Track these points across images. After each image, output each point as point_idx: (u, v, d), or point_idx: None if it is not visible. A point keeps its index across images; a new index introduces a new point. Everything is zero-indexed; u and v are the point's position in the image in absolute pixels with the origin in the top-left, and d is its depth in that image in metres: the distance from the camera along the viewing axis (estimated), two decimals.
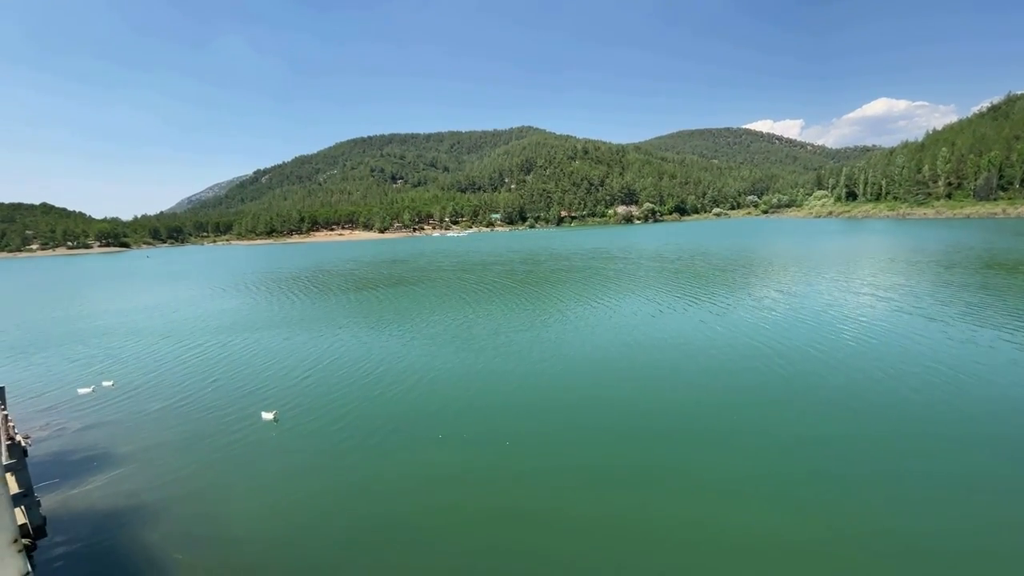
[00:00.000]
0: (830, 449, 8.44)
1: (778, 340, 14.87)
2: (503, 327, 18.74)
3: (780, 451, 8.46)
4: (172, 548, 6.74)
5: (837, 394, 10.64)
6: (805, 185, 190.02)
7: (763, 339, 15.06)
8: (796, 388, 11.18)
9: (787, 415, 9.86)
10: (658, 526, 6.75)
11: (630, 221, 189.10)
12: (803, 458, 8.25)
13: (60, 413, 11.94)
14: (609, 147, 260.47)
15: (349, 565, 6.38)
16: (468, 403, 11.31)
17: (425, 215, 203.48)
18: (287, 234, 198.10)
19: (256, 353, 16.58)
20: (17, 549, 1.04)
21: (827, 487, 7.36)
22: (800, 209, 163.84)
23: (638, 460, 8.51)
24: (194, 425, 10.76)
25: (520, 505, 7.36)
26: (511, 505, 7.38)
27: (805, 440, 8.81)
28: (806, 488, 7.38)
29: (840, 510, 6.78)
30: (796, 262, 35.82)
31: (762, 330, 16.18)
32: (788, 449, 8.53)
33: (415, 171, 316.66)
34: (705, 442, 9.00)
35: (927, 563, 5.81)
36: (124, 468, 9.02)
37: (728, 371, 12.52)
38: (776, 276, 29.10)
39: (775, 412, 10.03)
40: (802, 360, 12.99)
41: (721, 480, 7.71)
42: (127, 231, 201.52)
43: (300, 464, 8.96)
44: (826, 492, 7.24)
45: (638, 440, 9.21)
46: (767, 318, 17.92)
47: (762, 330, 16.18)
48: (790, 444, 8.70)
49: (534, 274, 36.66)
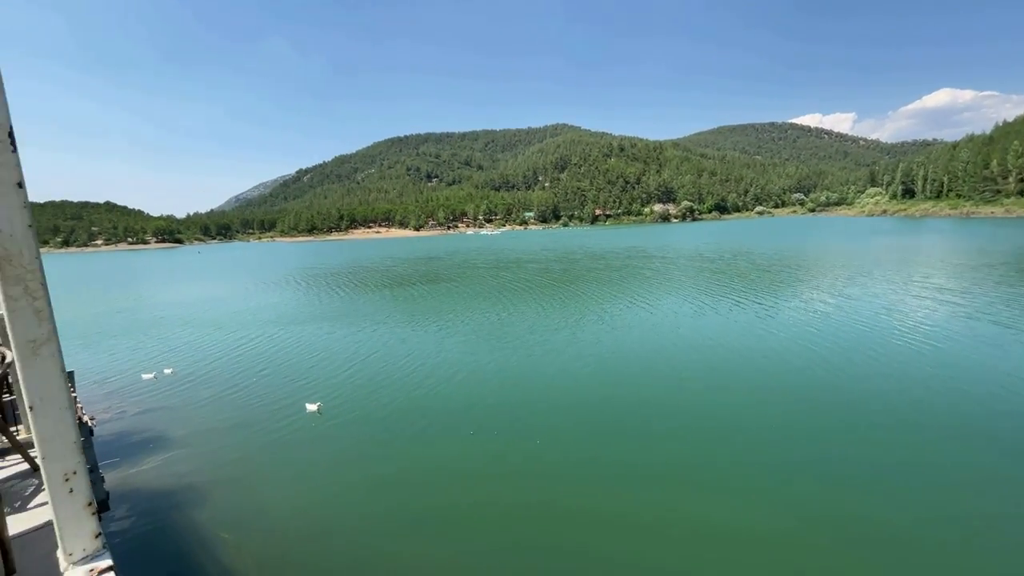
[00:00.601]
0: (881, 467, 7.78)
1: (827, 344, 14.01)
2: (537, 325, 18.54)
3: (823, 460, 7.87)
4: (219, 527, 6.93)
5: (902, 408, 9.86)
6: (857, 182, 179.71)
7: (811, 343, 14.22)
8: (849, 398, 10.47)
9: (835, 424, 9.20)
10: (691, 527, 6.42)
11: (667, 220, 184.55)
12: (851, 474, 7.62)
13: (121, 397, 12.61)
14: (646, 144, 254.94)
15: (381, 551, 6.42)
16: (500, 400, 11.20)
17: (459, 213, 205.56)
18: (327, 232, 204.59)
19: (301, 346, 17.06)
20: (91, 512, 1.10)
21: (889, 510, 6.76)
22: (851, 208, 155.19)
23: (672, 460, 8.18)
24: (243, 413, 11.12)
25: (549, 501, 7.23)
26: (539, 501, 7.26)
27: (852, 452, 8.16)
28: (870, 509, 6.80)
29: (921, 548, 6.20)
30: (847, 262, 33.82)
31: (810, 333, 15.29)
32: (832, 458, 7.92)
33: (450, 170, 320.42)
34: (743, 447, 8.52)
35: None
36: (178, 451, 9.39)
37: (772, 375, 11.88)
38: (825, 277, 27.54)
39: (822, 420, 9.40)
40: (854, 366, 12.16)
41: (760, 486, 7.24)
42: (180, 228, 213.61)
43: (340, 454, 9.08)
44: (886, 516, 6.64)
45: (672, 441, 8.85)
46: (816, 321, 16.92)
47: (810, 333, 15.29)
48: (836, 454, 8.08)
49: (570, 272, 36.22)
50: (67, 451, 1.21)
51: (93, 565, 1.25)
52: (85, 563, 1.25)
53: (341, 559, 6.35)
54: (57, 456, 1.22)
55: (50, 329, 1.16)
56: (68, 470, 1.23)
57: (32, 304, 1.14)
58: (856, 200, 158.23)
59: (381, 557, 6.35)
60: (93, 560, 1.25)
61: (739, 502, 7.04)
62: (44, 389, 1.19)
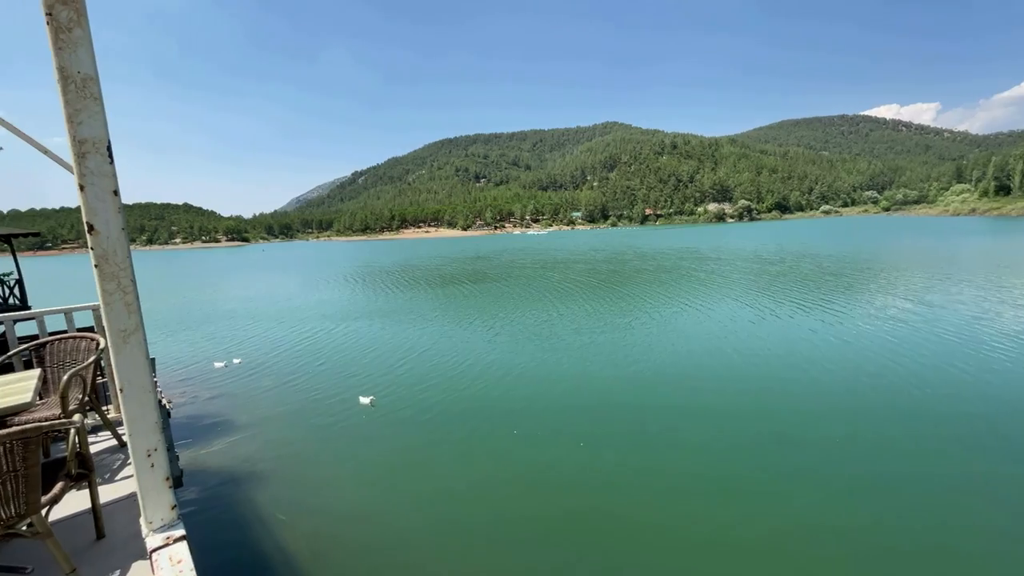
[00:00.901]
0: (947, 486, 7.03)
1: (909, 356, 12.88)
2: (585, 327, 18.34)
3: (892, 478, 7.22)
4: (276, 509, 7.39)
5: (1000, 429, 8.90)
6: (940, 178, 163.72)
7: (889, 354, 13.14)
8: (937, 417, 9.55)
9: (919, 445, 8.43)
10: (748, 544, 6.09)
11: (722, 220, 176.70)
12: (946, 501, 6.95)
13: (194, 383, 13.72)
14: (701, 141, 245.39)
15: (423, 542, 6.60)
16: (546, 402, 11.19)
17: (506, 213, 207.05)
18: (379, 231, 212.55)
19: (355, 341, 17.84)
20: (169, 485, 1.25)
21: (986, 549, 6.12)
22: (932, 206, 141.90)
23: (726, 474, 7.78)
24: (301, 402, 11.79)
25: (592, 507, 7.14)
26: (583, 506, 7.19)
27: (947, 476, 7.44)
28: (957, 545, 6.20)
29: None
30: (930, 266, 30.95)
31: (888, 344, 14.12)
32: (900, 476, 7.26)
33: (498, 170, 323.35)
34: (805, 464, 7.99)
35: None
36: (241, 435, 10.10)
37: (843, 388, 11.07)
38: (905, 282, 25.34)
39: (901, 438, 8.64)
40: (942, 383, 11.09)
41: (829, 504, 6.76)
42: (247, 227, 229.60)
43: (390, 448, 9.40)
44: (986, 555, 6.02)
45: (728, 452, 8.43)
46: (894, 330, 15.61)
47: (888, 344, 14.12)
48: (926, 477, 7.40)
49: (619, 273, 35.54)
50: (149, 430, 1.36)
51: (169, 533, 1.40)
52: (162, 531, 1.40)
53: (385, 544, 6.61)
54: (141, 434, 1.36)
55: (137, 320, 1.31)
56: (150, 447, 1.38)
57: (123, 298, 1.29)
58: (939, 198, 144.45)
59: (422, 547, 6.54)
60: (169, 529, 1.41)
61: (803, 521, 6.64)
62: (131, 374, 1.34)
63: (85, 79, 1.19)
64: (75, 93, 1.21)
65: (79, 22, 1.15)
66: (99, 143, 1.24)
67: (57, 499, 2.83)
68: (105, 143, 1.24)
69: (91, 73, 1.20)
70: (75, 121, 1.21)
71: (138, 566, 2.97)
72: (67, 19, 1.13)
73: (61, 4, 1.11)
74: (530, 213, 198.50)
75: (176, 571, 1.26)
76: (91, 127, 1.23)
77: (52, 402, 4.10)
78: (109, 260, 1.25)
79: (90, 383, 4.32)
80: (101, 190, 1.22)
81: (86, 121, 1.23)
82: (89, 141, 1.23)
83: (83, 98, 1.22)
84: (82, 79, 1.19)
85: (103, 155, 1.25)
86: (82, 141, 1.23)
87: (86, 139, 1.23)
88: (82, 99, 1.22)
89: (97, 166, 1.24)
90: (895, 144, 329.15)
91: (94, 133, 1.24)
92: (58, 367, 4.72)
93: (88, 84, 1.22)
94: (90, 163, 1.24)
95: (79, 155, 1.24)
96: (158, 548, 1.31)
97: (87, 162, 1.24)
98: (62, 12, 1.12)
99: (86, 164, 1.24)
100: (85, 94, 1.22)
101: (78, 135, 1.22)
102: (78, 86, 1.21)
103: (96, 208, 1.24)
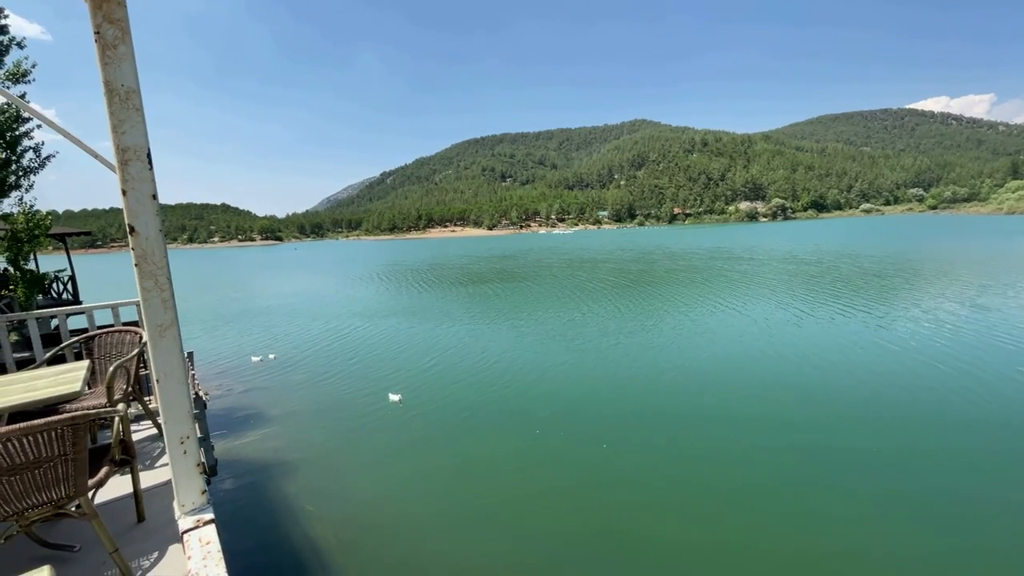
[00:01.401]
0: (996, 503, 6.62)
1: (965, 363, 12.22)
2: (612, 328, 18.17)
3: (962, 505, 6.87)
4: (304, 500, 7.64)
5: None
6: (994, 174, 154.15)
7: (943, 361, 12.49)
8: (986, 431, 9.06)
9: (956, 451, 8.01)
10: (759, 557, 5.92)
11: (754, 219, 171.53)
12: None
13: (230, 376, 14.29)
14: (732, 138, 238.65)
15: (445, 537, 6.71)
16: (570, 403, 11.16)
17: (531, 212, 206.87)
18: (406, 230, 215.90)
19: (384, 338, 18.23)
20: (200, 471, 1.35)
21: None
22: (984, 204, 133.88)
23: (753, 484, 7.58)
24: (331, 397, 12.14)
25: (610, 509, 7.11)
26: (600, 508, 7.17)
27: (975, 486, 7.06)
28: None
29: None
30: (982, 268, 29.24)
31: (940, 350, 13.42)
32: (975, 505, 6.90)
33: (524, 169, 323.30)
34: (833, 471, 7.71)
35: None
36: (273, 428, 10.48)
37: (879, 392, 10.61)
38: (955, 285, 24.03)
39: (963, 455, 8.22)
40: (1008, 389, 10.47)
41: (863, 517, 6.50)
42: (281, 227, 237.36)
43: (415, 443, 9.59)
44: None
45: (755, 461, 8.21)
46: (947, 335, 14.83)
47: (940, 350, 13.42)
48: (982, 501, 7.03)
49: (648, 273, 35.03)
50: (183, 418, 1.47)
51: (199, 516, 1.50)
52: (193, 514, 1.51)
53: (409, 535, 6.79)
54: (175, 422, 1.47)
55: (173, 316, 1.41)
56: (183, 435, 1.48)
57: (160, 295, 1.40)
58: (992, 195, 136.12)
59: (444, 539, 6.68)
60: (200, 512, 1.51)
61: (834, 537, 6.44)
62: (167, 365, 1.44)
63: (128, 92, 1.29)
64: (119, 105, 1.31)
65: (123, 39, 1.25)
66: (140, 151, 1.34)
67: (102, 482, 3.03)
68: (145, 151, 1.35)
69: (134, 86, 1.30)
70: (119, 131, 1.32)
71: (174, 549, 3.16)
72: (113, 37, 1.23)
73: (108, 23, 1.21)
74: (556, 212, 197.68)
75: (204, 552, 1.35)
76: (133, 136, 1.33)
77: (99, 392, 4.38)
78: (148, 259, 1.36)
79: (134, 374, 4.58)
80: (141, 195, 1.32)
81: (129, 131, 1.33)
82: (131, 149, 1.34)
83: (126, 109, 1.32)
84: (126, 92, 1.29)
85: (143, 162, 1.35)
86: (125, 149, 1.33)
87: (128, 147, 1.33)
88: (125, 110, 1.32)
89: (138, 172, 1.35)
90: (944, 139, 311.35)
91: (136, 142, 1.34)
92: (105, 359, 5.02)
93: (131, 96, 1.32)
94: (132, 169, 1.35)
95: (122, 162, 1.34)
96: (189, 530, 1.42)
97: (129, 168, 1.34)
98: (109, 30, 1.22)
99: (128, 170, 1.34)
100: (128, 105, 1.32)
101: (121, 143, 1.32)
102: (122, 98, 1.31)
103: (137, 211, 1.34)
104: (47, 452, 2.57)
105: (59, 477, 2.66)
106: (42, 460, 2.56)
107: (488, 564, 6.21)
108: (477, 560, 6.30)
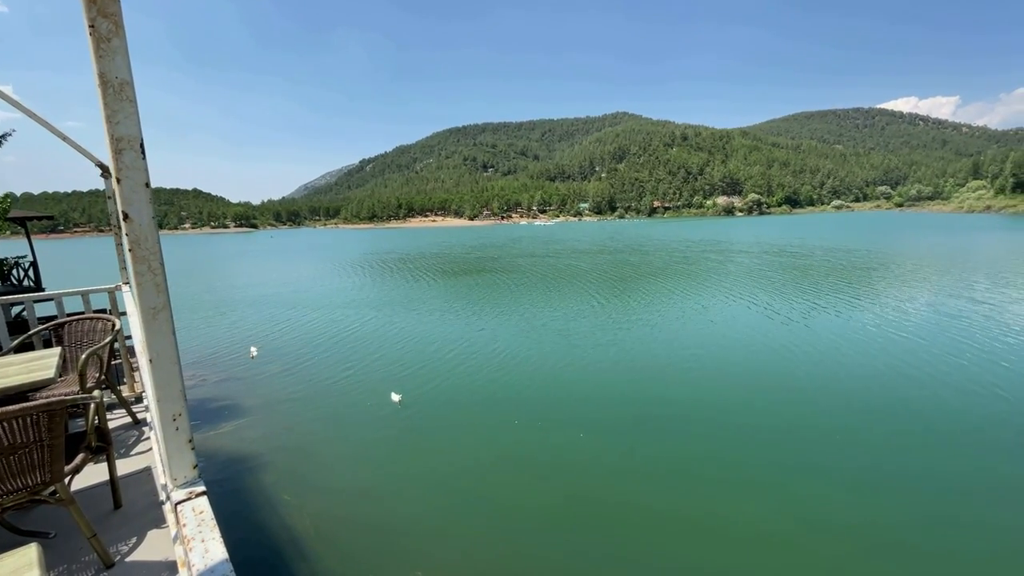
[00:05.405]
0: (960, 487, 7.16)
1: (938, 354, 12.92)
2: (608, 324, 18.48)
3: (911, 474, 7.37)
4: (282, 490, 7.67)
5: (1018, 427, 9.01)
6: (956, 174, 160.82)
7: (916, 349, 13.18)
8: (957, 415, 9.68)
9: (938, 441, 8.57)
10: (745, 535, 6.31)
11: (731, 213, 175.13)
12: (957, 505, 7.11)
13: (206, 367, 14.05)
14: (712, 132, 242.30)
15: (426, 527, 6.88)
16: (554, 392, 11.47)
17: (513, 203, 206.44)
18: (386, 219, 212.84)
19: (366, 328, 18.14)
20: (191, 447, 1.45)
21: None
22: (947, 203, 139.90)
23: (736, 465, 8.01)
24: (311, 388, 12.10)
25: (597, 494, 7.43)
26: (586, 493, 7.47)
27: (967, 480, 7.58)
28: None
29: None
30: (957, 263, 30.67)
31: (911, 340, 14.14)
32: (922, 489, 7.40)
33: (506, 159, 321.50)
34: (818, 458, 8.21)
35: None
36: (248, 418, 10.42)
37: (869, 383, 11.18)
38: (927, 277, 25.16)
39: (921, 433, 8.78)
40: (974, 382, 11.11)
41: (837, 505, 6.94)
42: (256, 214, 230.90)
43: (398, 435, 9.67)
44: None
45: (740, 445, 8.63)
46: (922, 326, 15.60)
47: (911, 340, 14.14)
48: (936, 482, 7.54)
49: (638, 265, 35.61)
50: (175, 397, 1.55)
51: (192, 489, 1.59)
52: (186, 487, 1.60)
53: (388, 527, 6.93)
54: (168, 400, 1.55)
55: (165, 299, 1.48)
56: (175, 412, 1.56)
57: (153, 279, 1.47)
58: (954, 194, 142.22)
59: (425, 529, 6.82)
60: (192, 485, 1.60)
61: (812, 514, 6.84)
62: (160, 346, 1.52)
63: (122, 83, 1.35)
64: (113, 96, 1.36)
65: (117, 32, 1.30)
66: (133, 141, 1.40)
67: (78, 469, 3.05)
68: (139, 140, 1.41)
69: (127, 78, 1.36)
70: (113, 121, 1.37)
71: (153, 534, 3.21)
72: (107, 30, 1.29)
73: (102, 17, 1.26)
74: (537, 203, 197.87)
75: (199, 520, 1.45)
76: (127, 126, 1.39)
77: (71, 379, 4.34)
78: (141, 245, 1.42)
79: (105, 363, 4.53)
80: (135, 183, 1.38)
81: (123, 121, 1.39)
82: (125, 139, 1.39)
83: (120, 100, 1.38)
84: (119, 83, 1.34)
85: (136, 151, 1.41)
86: (119, 139, 1.39)
87: (122, 137, 1.39)
88: (119, 101, 1.37)
89: (132, 161, 1.41)
90: (911, 138, 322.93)
91: (129, 132, 1.40)
92: (76, 346, 4.95)
93: (124, 88, 1.37)
94: (125, 159, 1.41)
95: (116, 151, 1.40)
96: (182, 501, 1.51)
97: (123, 158, 1.40)
98: (103, 24, 1.27)
99: (122, 160, 1.40)
100: (122, 97, 1.38)
101: (115, 133, 1.38)
102: (116, 90, 1.36)
103: (131, 199, 1.40)
104: (22, 438, 2.58)
105: (35, 463, 2.68)
106: (17, 446, 2.57)
107: (472, 553, 6.38)
108: (461, 549, 6.45)
